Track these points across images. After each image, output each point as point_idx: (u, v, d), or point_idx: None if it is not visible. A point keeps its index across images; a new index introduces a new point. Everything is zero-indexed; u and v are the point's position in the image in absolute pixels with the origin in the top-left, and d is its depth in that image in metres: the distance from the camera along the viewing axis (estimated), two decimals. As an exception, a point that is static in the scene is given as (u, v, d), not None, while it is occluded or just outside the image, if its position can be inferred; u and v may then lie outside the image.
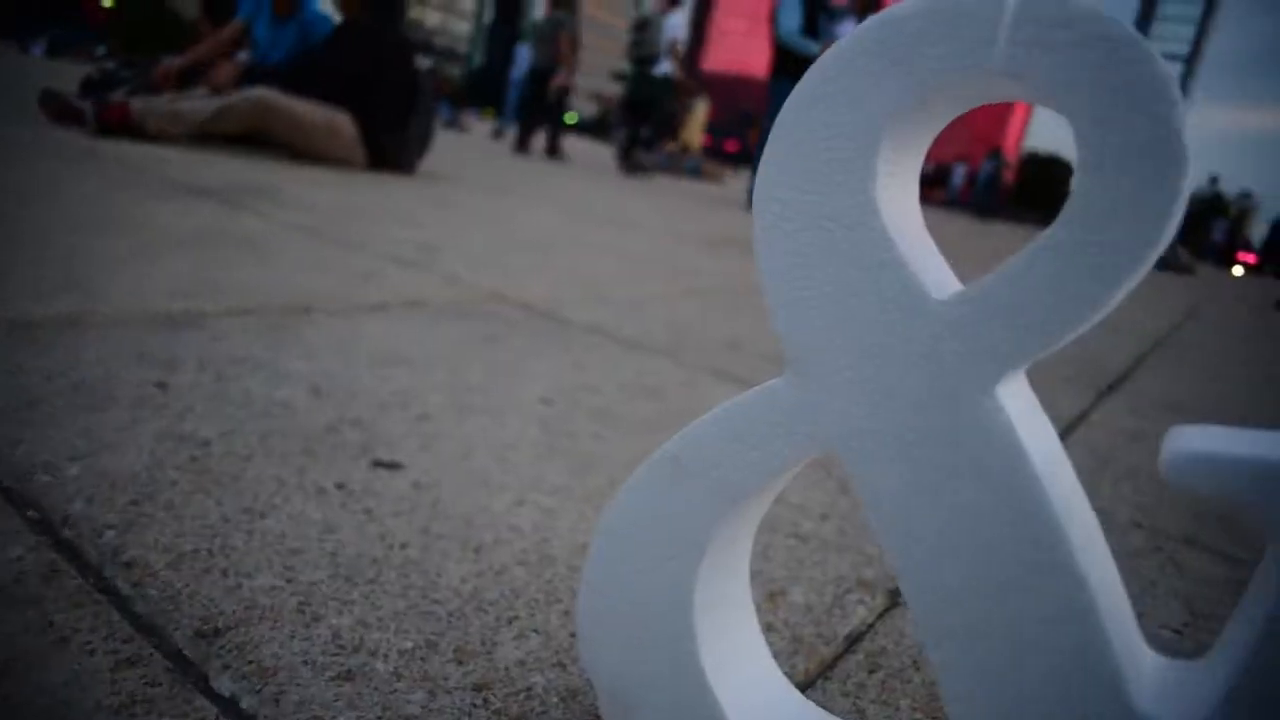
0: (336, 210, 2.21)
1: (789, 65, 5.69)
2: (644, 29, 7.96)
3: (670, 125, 9.25)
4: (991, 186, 17.42)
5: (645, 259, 2.39)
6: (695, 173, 10.62)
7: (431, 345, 1.12)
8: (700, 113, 11.58)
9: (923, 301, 0.32)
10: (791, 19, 5.55)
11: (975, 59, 0.29)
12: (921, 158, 0.35)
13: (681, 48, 8.00)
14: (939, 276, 0.34)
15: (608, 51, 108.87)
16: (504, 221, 2.63)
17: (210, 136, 3.14)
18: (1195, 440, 0.29)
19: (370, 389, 0.91)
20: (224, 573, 0.53)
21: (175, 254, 1.37)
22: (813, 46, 5.57)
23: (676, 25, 7.82)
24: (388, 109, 3.50)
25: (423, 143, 3.74)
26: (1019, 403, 0.32)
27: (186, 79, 3.96)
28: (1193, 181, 0.28)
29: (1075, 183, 0.29)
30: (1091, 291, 0.29)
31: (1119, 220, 0.28)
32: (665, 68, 8.00)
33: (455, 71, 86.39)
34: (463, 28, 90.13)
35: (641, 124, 8.40)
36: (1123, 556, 0.86)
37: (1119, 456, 1.25)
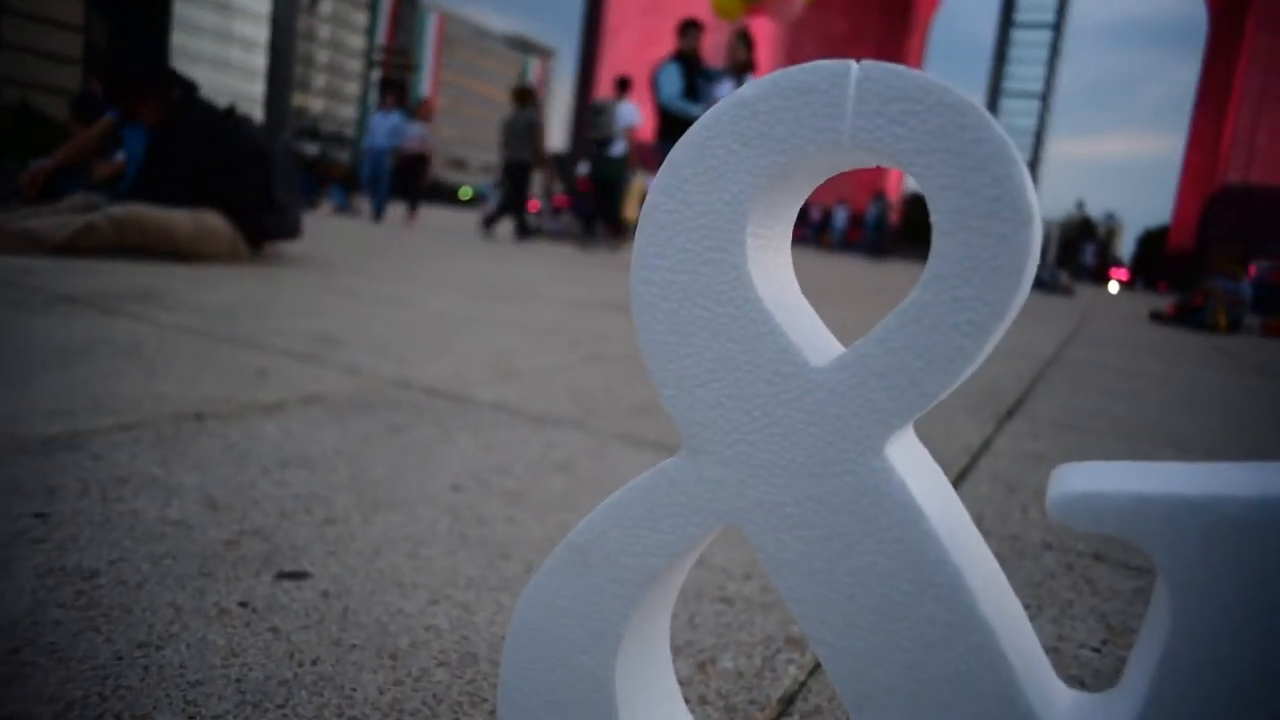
0: (226, 307, 2.15)
1: (674, 128, 5.84)
2: (600, 114, 8.89)
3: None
4: (880, 228, 18.06)
5: (549, 330, 2.39)
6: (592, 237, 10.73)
7: (333, 442, 1.09)
8: (639, 185, 11.75)
9: (803, 369, 0.32)
10: (672, 84, 5.71)
11: (825, 134, 0.30)
12: (791, 222, 0.36)
13: (634, 131, 8.74)
14: (817, 341, 0.34)
15: (495, 123, 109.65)
16: (404, 305, 2.60)
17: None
18: (1077, 480, 0.30)
19: (270, 496, 0.88)
20: (118, 718, 0.50)
21: (50, 370, 1.31)
22: (694, 109, 5.73)
23: (629, 111, 8.64)
24: (249, 190, 3.44)
25: (297, 202, 3.69)
26: (908, 458, 0.33)
27: (57, 184, 3.84)
28: (1041, 233, 0.29)
29: (933, 245, 0.30)
30: (960, 347, 0.30)
31: (976, 279, 0.29)
32: (620, 148, 8.77)
33: (344, 155, 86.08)
34: (348, 112, 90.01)
35: (601, 202, 9.28)
36: (1037, 580, 0.88)
37: (1025, 480, 1.28)
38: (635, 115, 8.72)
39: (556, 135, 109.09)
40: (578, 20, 37.31)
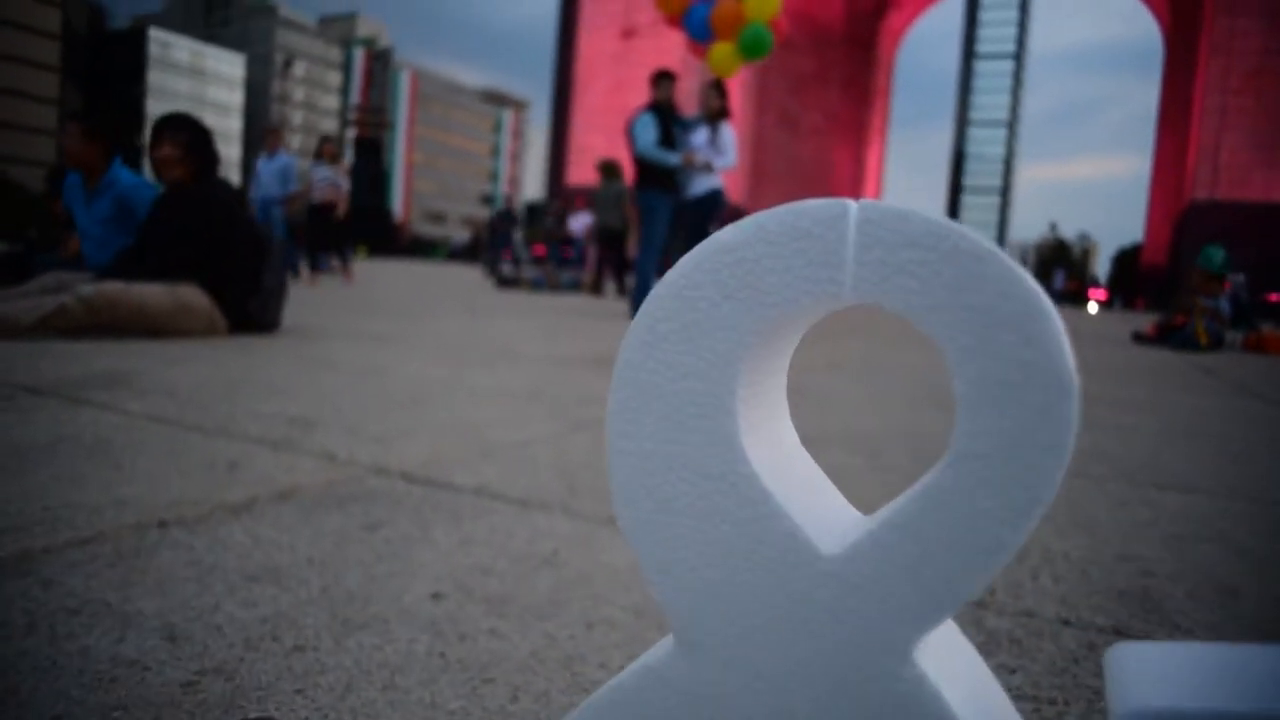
0: (199, 390, 2.09)
1: (653, 176, 5.86)
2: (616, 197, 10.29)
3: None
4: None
5: (530, 394, 2.34)
6: (573, 286, 10.72)
7: (305, 547, 1.03)
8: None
9: (813, 559, 0.27)
10: (648, 134, 5.74)
11: (823, 286, 0.26)
12: (785, 369, 0.32)
13: None
14: (829, 519, 0.30)
15: (472, 176, 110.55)
16: (379, 374, 2.54)
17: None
18: (1144, 689, 0.25)
19: (235, 620, 0.82)
20: None
21: (6, 476, 1.24)
22: (672, 157, 5.76)
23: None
24: (238, 271, 3.41)
25: (281, 294, 3.64)
26: (942, 655, 0.28)
27: (29, 261, 3.80)
28: (1079, 399, 0.25)
29: (958, 418, 0.25)
30: (998, 537, 0.25)
31: (1014, 459, 0.24)
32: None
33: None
34: (324, 172, 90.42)
35: (613, 252, 10.62)
36: (1060, 666, 0.83)
37: (1032, 542, 1.23)
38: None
39: (532, 184, 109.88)
40: (549, 72, 37.71)
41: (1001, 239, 45.10)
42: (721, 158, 5.83)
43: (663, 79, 5.91)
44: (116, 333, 3.09)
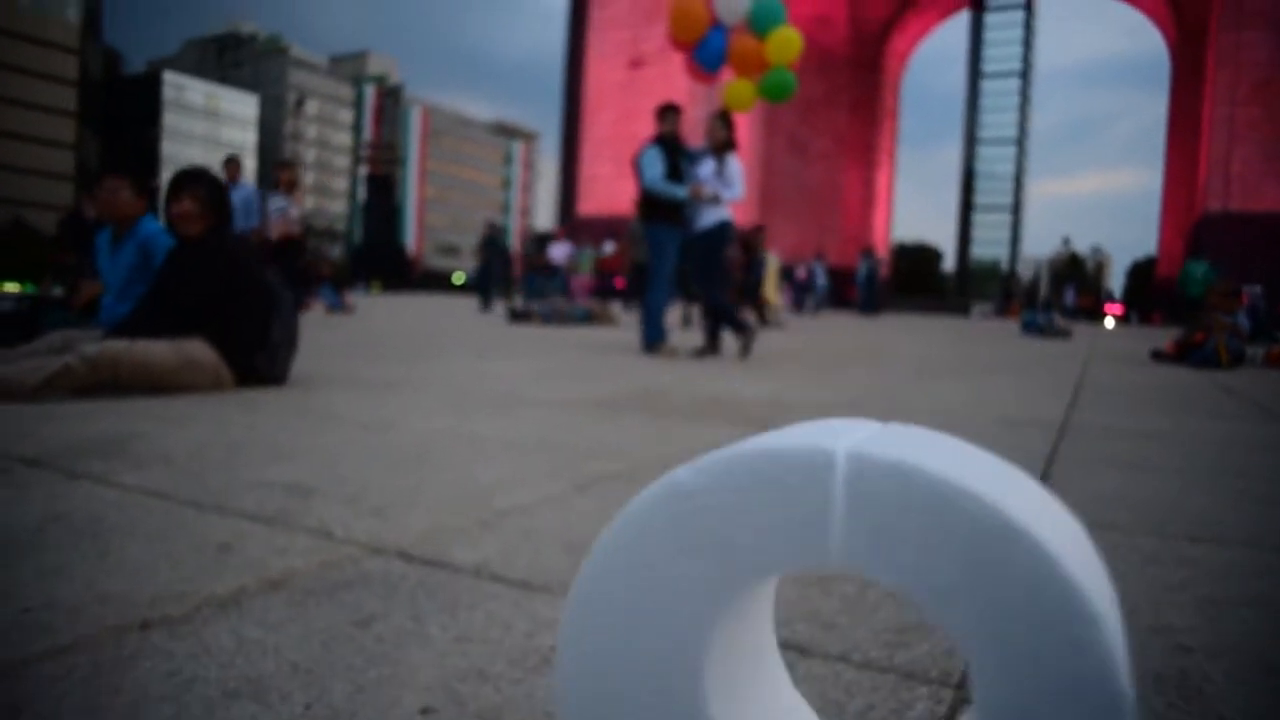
0: (197, 455, 2.05)
1: (660, 211, 5.84)
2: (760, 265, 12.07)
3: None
4: (870, 284, 18.10)
5: (536, 445, 2.28)
6: (585, 319, 10.69)
7: (292, 650, 0.98)
8: (773, 267, 12.88)
9: None
10: (654, 167, 5.72)
11: (804, 551, 0.21)
12: (770, 610, 0.26)
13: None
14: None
15: (484, 208, 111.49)
16: (384, 430, 2.50)
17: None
18: None
19: (208, 749, 0.76)
20: None
21: (-8, 574, 1.20)
22: (679, 190, 5.74)
23: (773, 261, 12.25)
24: (247, 325, 3.38)
25: (290, 347, 3.61)
26: None
27: (37, 315, 3.80)
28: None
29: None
30: None
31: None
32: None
33: (337, 250, 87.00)
34: (338, 207, 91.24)
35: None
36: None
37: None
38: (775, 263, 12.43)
39: (544, 215, 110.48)
40: (558, 103, 38.04)
41: (1014, 255, 44.90)
42: (729, 189, 5.80)
43: (668, 112, 5.90)
44: (122, 390, 3.06)
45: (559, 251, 14.53)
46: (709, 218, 5.82)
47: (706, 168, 5.87)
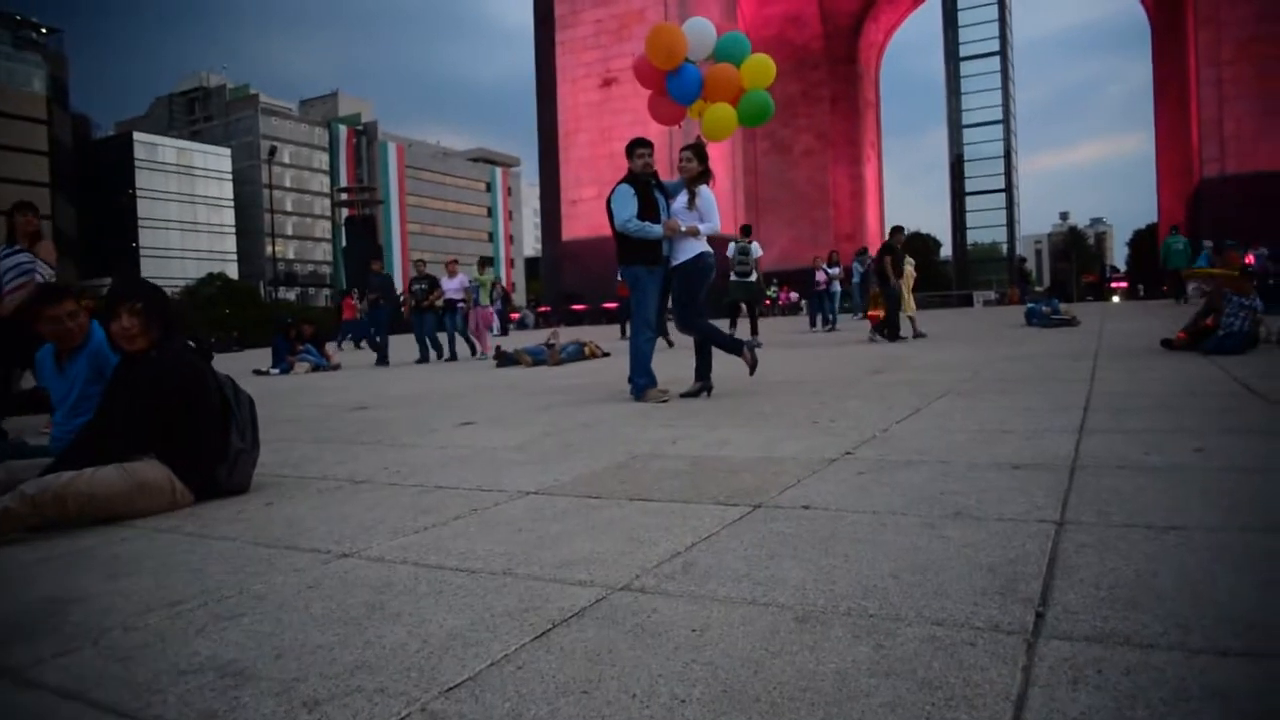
0: (135, 622, 1.84)
1: (636, 251, 5.67)
2: (745, 253, 12.67)
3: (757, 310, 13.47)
4: (866, 283, 17.87)
5: (501, 572, 2.07)
6: (576, 356, 10.48)
7: None
8: (910, 270, 12.47)
9: None
10: (627, 208, 5.56)
11: None
12: None
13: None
14: None
15: (468, 239, 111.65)
16: (342, 559, 2.29)
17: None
18: None
19: None
20: None
21: None
22: (653, 229, 5.57)
23: (757, 248, 12.90)
24: (204, 438, 3.18)
25: (253, 450, 3.41)
26: None
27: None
28: None
29: None
30: None
31: None
32: (754, 276, 12.86)
33: (326, 293, 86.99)
34: (321, 252, 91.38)
35: (751, 313, 13.12)
36: None
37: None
38: (759, 250, 13.01)
39: (529, 241, 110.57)
40: (534, 128, 37.89)
41: (1012, 237, 44.61)
42: (704, 222, 5.60)
43: (637, 147, 5.71)
44: (72, 525, 2.86)
45: (453, 285, 13.51)
46: (686, 251, 5.63)
47: (680, 201, 5.68)
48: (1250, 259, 21.08)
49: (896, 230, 12.33)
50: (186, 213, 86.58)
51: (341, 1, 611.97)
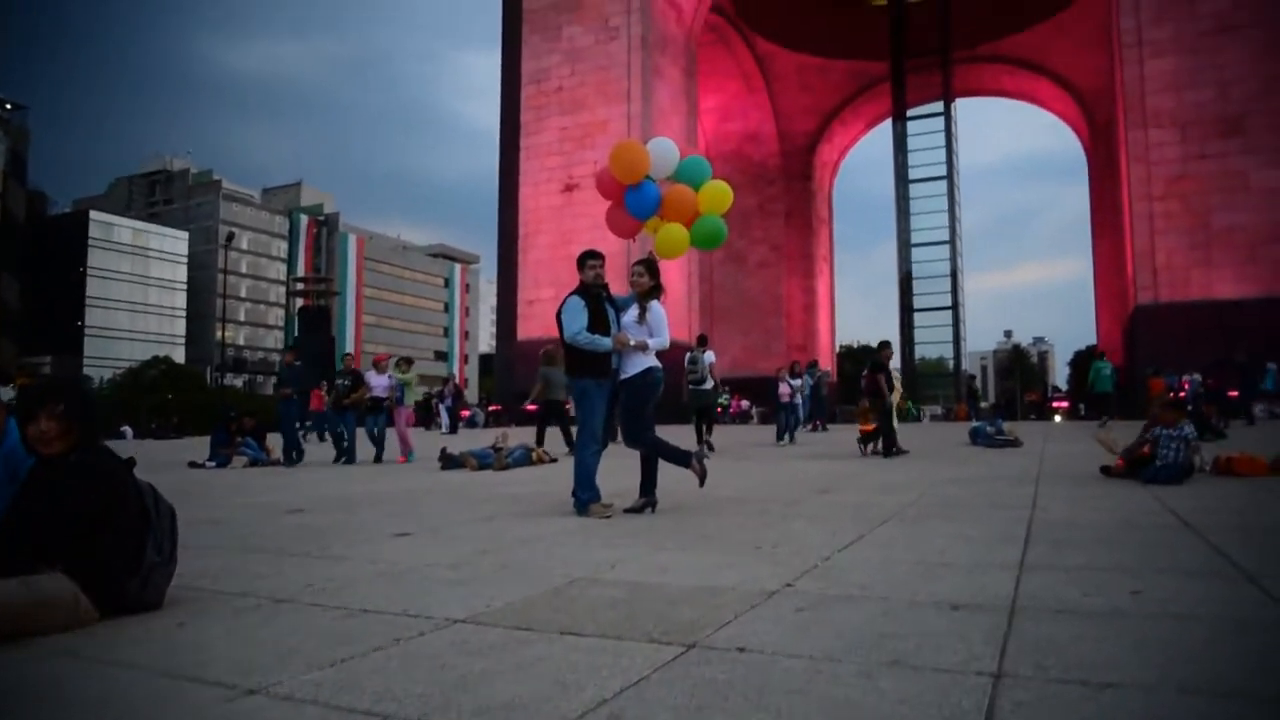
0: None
1: (585, 364, 5.66)
2: (694, 363, 13.28)
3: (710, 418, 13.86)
4: (817, 398, 18.03)
5: (418, 721, 1.94)
6: (522, 461, 10.33)
7: None
8: (898, 392, 12.43)
9: None
10: (577, 320, 5.57)
11: None
12: None
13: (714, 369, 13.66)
14: None
15: (424, 333, 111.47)
16: (245, 690, 2.14)
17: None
18: None
19: None
20: None
21: None
22: (604, 342, 5.57)
23: (710, 357, 13.46)
24: (117, 550, 3.02)
25: (168, 564, 3.24)
26: None
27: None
28: None
29: None
30: None
31: None
32: (709, 384, 13.46)
33: (274, 376, 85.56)
34: (272, 340, 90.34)
35: (704, 420, 13.54)
36: None
37: None
38: (713, 357, 13.62)
39: (485, 338, 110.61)
40: (495, 227, 38.26)
41: (958, 353, 45.63)
42: (654, 337, 5.63)
43: (588, 259, 5.76)
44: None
45: (380, 382, 12.69)
46: (635, 365, 5.63)
47: (630, 315, 5.71)
48: (1186, 384, 21.78)
49: (885, 345, 12.44)
50: (137, 293, 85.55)
51: (314, 94, 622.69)
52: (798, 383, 16.23)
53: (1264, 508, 5.59)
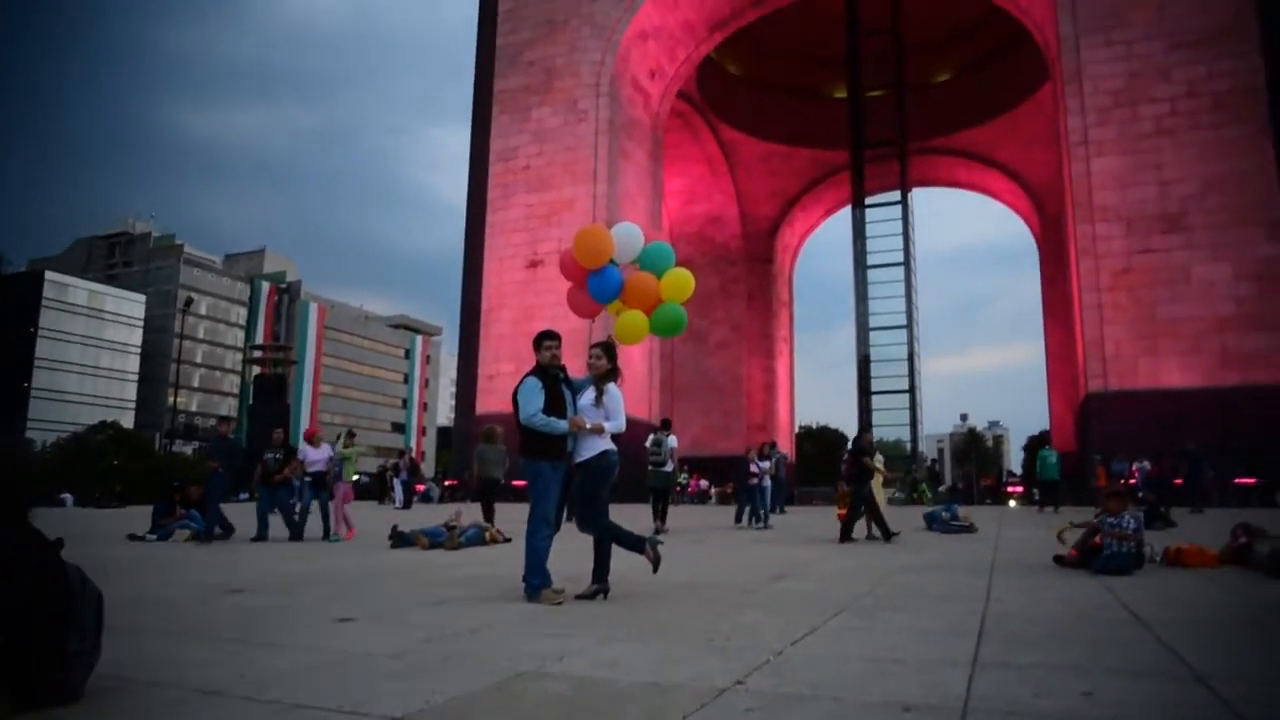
0: None
1: (538, 446, 5.61)
2: (658, 445, 13.47)
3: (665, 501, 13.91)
4: (776, 480, 17.98)
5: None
6: (475, 540, 10.13)
7: None
8: (879, 482, 12.18)
9: None
10: (533, 402, 5.52)
11: None
12: None
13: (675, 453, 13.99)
14: None
15: (382, 404, 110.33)
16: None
17: None
18: None
19: None
20: None
21: None
22: (560, 424, 5.53)
23: (673, 441, 13.75)
24: (36, 639, 2.87)
25: (92, 653, 3.08)
26: None
27: None
28: None
29: None
30: None
31: None
32: (669, 466, 13.72)
33: (224, 445, 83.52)
34: (226, 407, 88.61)
35: (661, 501, 13.72)
36: None
37: None
38: (675, 441, 13.94)
39: (444, 410, 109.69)
40: (459, 298, 38.25)
41: (915, 436, 46.02)
42: (610, 420, 5.59)
43: (545, 340, 5.74)
44: None
45: (318, 455, 12.05)
46: (591, 448, 5.58)
47: (587, 397, 5.68)
48: (1135, 471, 22.10)
49: (866, 429, 12.55)
50: (89, 356, 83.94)
51: (281, 162, 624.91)
52: (767, 464, 15.85)
53: (1212, 602, 5.63)
